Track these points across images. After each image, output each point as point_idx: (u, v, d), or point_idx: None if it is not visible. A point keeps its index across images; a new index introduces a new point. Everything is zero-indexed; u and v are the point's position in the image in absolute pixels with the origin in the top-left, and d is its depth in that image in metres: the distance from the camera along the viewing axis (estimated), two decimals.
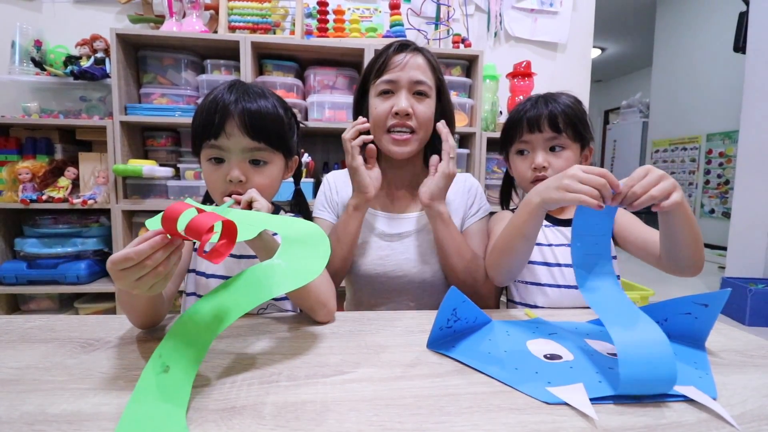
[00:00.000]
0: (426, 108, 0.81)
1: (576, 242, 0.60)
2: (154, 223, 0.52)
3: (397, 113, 0.78)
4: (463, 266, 0.79)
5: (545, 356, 0.52)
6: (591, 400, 0.41)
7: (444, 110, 0.85)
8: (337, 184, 0.93)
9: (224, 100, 0.64)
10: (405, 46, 0.82)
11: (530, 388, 0.44)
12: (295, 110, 1.85)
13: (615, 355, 0.52)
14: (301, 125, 0.80)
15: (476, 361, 0.50)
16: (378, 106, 0.80)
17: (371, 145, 0.80)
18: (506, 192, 0.98)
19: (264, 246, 0.60)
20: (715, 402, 0.41)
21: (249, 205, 0.61)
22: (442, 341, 0.56)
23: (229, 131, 0.64)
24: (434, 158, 0.80)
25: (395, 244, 0.86)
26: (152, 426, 0.37)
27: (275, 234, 0.68)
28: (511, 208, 0.92)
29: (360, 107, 0.87)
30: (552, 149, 0.81)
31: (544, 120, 0.79)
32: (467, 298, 0.57)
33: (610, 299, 0.56)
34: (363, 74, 0.86)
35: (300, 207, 0.86)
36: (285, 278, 0.50)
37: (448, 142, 0.77)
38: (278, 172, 0.71)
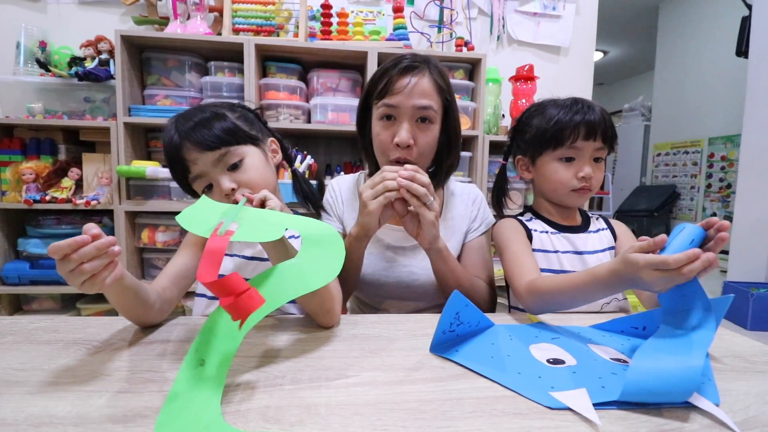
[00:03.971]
0: (428, 137, 0.77)
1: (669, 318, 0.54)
2: (183, 219, 0.55)
3: (398, 144, 0.74)
4: (443, 292, 0.79)
5: (548, 361, 0.52)
6: (594, 405, 0.41)
7: (449, 131, 0.81)
8: (342, 192, 0.92)
9: (171, 140, 0.67)
10: (411, 68, 0.75)
11: (533, 393, 0.44)
12: (298, 112, 1.83)
13: (619, 360, 0.52)
14: (260, 117, 0.80)
15: (479, 365, 0.50)
16: (380, 132, 0.77)
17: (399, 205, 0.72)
18: (500, 196, 0.92)
19: (279, 248, 0.59)
20: (718, 408, 0.41)
21: (262, 204, 0.61)
22: (445, 345, 0.56)
23: (194, 159, 0.67)
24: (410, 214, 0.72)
25: (400, 257, 0.86)
26: (191, 414, 0.39)
27: (291, 237, 0.68)
28: (515, 215, 0.87)
29: (363, 122, 0.84)
30: (595, 160, 0.79)
31: (599, 129, 0.76)
32: (470, 302, 0.57)
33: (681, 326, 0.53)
34: (366, 89, 0.81)
35: (305, 195, 0.85)
36: (310, 277, 0.52)
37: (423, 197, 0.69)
38: (259, 161, 0.71)
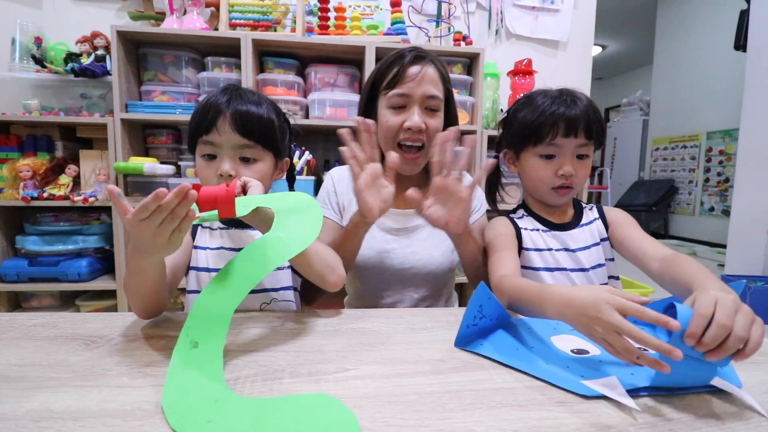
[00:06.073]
0: (437, 123, 0.82)
1: None
2: None
3: (409, 128, 0.78)
4: (473, 271, 0.84)
5: (572, 351, 0.53)
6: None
7: (450, 120, 0.86)
8: (340, 182, 0.93)
9: (217, 101, 0.68)
10: (420, 57, 0.80)
11: (566, 383, 0.44)
12: (296, 107, 1.82)
13: (640, 348, 0.53)
14: (293, 130, 0.81)
15: (508, 358, 0.50)
16: (390, 119, 0.80)
17: (393, 158, 0.72)
18: (493, 190, 0.92)
19: (263, 219, 0.62)
20: (742, 390, 0.42)
21: (243, 191, 0.63)
22: (469, 339, 0.56)
23: (221, 128, 0.68)
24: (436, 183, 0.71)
25: (401, 238, 0.87)
26: (196, 392, 0.40)
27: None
28: (508, 212, 0.86)
29: (367, 113, 0.85)
30: (579, 157, 0.76)
31: (581, 125, 0.73)
32: (492, 294, 0.57)
33: None
34: (372, 80, 0.84)
35: None
36: (286, 246, 0.54)
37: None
38: (268, 170, 0.73)
